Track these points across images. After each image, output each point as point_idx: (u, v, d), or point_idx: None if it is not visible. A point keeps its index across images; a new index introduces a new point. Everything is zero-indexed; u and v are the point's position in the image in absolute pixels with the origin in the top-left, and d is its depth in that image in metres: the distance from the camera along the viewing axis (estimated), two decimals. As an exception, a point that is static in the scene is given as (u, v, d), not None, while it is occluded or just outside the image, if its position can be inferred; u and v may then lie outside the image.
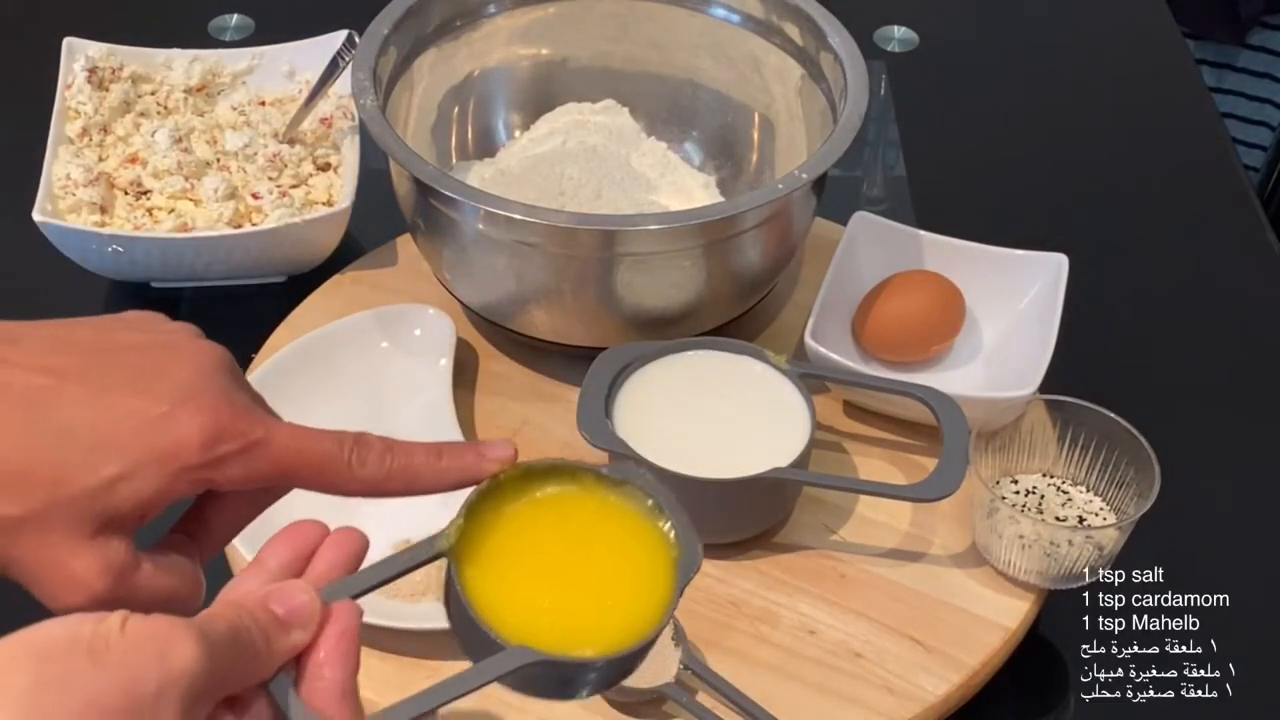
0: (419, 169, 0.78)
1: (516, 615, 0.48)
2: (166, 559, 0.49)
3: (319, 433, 0.49)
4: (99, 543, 0.46)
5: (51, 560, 0.46)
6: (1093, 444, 0.76)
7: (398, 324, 0.87)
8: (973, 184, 1.07)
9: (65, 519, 0.46)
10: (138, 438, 0.47)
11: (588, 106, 0.95)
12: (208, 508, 0.52)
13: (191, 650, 0.40)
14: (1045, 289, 0.85)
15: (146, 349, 0.49)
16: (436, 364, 0.85)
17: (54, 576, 0.46)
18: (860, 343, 0.86)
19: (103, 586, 0.46)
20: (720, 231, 0.79)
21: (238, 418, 0.48)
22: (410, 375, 0.85)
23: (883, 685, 0.70)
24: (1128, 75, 1.18)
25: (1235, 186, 1.07)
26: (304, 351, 0.85)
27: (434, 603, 0.72)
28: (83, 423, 0.47)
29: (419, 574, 0.72)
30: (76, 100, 0.98)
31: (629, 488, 0.51)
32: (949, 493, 0.72)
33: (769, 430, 0.75)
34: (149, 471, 0.46)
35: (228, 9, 1.18)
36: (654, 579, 0.50)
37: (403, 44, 0.88)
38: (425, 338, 0.86)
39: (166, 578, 0.49)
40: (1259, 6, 1.55)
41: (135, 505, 0.47)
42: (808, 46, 0.88)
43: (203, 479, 0.48)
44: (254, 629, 0.43)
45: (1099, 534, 0.72)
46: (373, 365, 0.86)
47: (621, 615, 0.49)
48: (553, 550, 0.50)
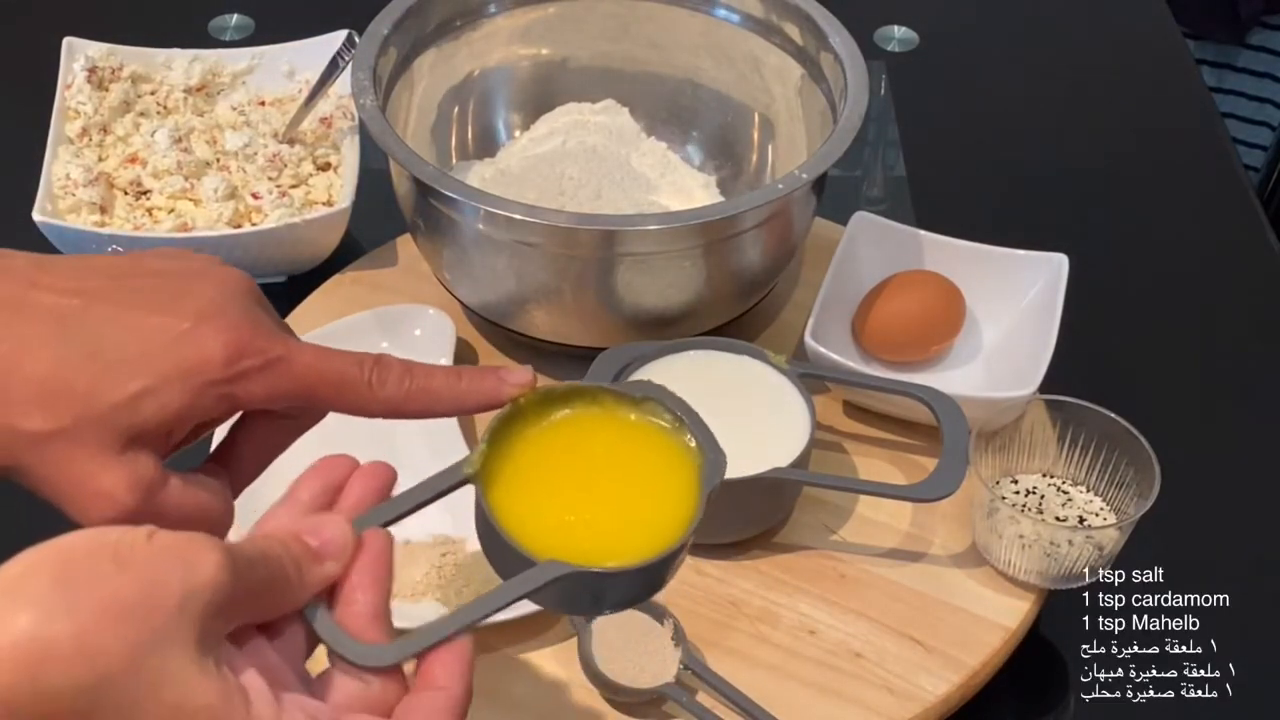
0: (419, 169, 0.78)
1: (545, 533, 0.48)
2: (195, 478, 0.51)
3: (340, 353, 0.51)
4: (127, 458, 0.47)
5: (80, 475, 0.47)
6: (1092, 444, 0.76)
7: (398, 324, 0.87)
8: (973, 184, 1.07)
9: (94, 434, 0.47)
10: (163, 353, 0.48)
11: (587, 106, 0.95)
12: (238, 435, 0.53)
13: (216, 563, 0.41)
14: (1045, 289, 0.85)
15: (173, 274, 0.51)
16: (436, 364, 0.84)
17: (82, 491, 0.47)
18: (860, 343, 0.86)
19: (131, 501, 0.47)
20: (721, 231, 0.79)
21: (259, 335, 0.49)
22: None
23: (883, 685, 0.70)
24: (1128, 75, 1.18)
25: (1235, 186, 1.07)
26: None
27: (434, 603, 0.72)
28: (110, 340, 0.48)
29: (418, 574, 0.73)
30: (76, 100, 0.98)
31: (649, 404, 0.52)
32: (949, 493, 0.72)
33: (769, 430, 0.75)
34: (174, 386, 0.48)
35: (228, 9, 1.18)
36: (679, 491, 0.50)
37: (403, 44, 0.88)
38: (425, 338, 0.86)
39: (196, 495, 0.50)
40: (1259, 6, 1.55)
41: (161, 420, 0.48)
42: (808, 46, 0.88)
43: (226, 394, 0.49)
44: (285, 557, 0.44)
45: (1099, 534, 0.72)
46: None
47: (648, 527, 0.49)
48: (577, 469, 0.51)
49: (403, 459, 0.53)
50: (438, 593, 0.73)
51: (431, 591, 0.73)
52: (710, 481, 0.50)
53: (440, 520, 0.74)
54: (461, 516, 0.53)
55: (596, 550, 0.48)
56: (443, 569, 0.74)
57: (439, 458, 0.56)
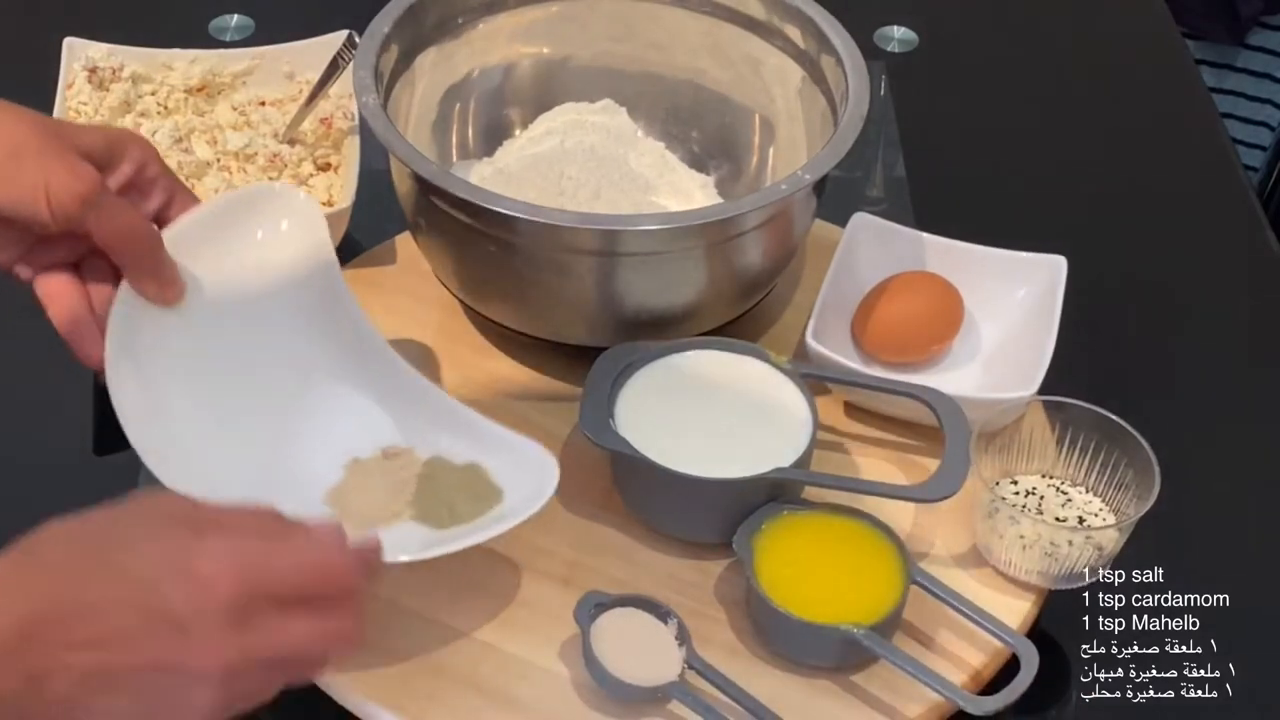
0: (421, 166, 0.78)
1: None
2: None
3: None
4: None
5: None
6: (1092, 445, 0.76)
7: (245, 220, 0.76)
8: (972, 184, 1.07)
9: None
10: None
11: (585, 106, 0.95)
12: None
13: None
14: (1044, 290, 0.85)
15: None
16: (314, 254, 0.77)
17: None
18: (859, 344, 0.86)
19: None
20: (722, 232, 0.79)
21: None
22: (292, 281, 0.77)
23: (884, 685, 0.71)
24: (1128, 75, 1.18)
25: (1235, 186, 1.07)
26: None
27: (413, 523, 0.72)
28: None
29: (383, 494, 0.74)
30: (76, 100, 0.98)
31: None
32: (951, 493, 0.72)
33: (771, 430, 0.75)
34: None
35: (228, 9, 1.18)
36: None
37: (404, 42, 0.88)
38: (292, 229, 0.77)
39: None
40: (1259, 6, 1.55)
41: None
42: (809, 49, 0.88)
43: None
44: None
45: (1099, 534, 0.73)
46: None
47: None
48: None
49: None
50: (412, 510, 0.73)
51: (406, 511, 0.73)
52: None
53: (382, 427, 0.75)
54: (404, 421, 0.67)
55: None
56: (406, 484, 0.74)
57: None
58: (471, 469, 0.74)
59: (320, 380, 0.76)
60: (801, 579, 0.71)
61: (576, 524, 0.78)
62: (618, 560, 0.76)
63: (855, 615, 0.69)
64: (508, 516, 0.70)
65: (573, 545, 0.76)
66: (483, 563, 0.75)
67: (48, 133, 0.68)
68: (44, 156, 0.67)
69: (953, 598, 0.71)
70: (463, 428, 0.75)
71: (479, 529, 0.70)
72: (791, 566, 0.71)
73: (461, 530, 0.71)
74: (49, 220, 0.67)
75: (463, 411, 0.75)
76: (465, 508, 0.72)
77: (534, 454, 0.72)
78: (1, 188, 0.67)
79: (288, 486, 0.71)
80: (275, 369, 0.75)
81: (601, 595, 0.71)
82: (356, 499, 0.73)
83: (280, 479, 0.72)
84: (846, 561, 0.72)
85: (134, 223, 0.70)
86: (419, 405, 0.76)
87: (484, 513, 0.71)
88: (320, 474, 0.74)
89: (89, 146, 0.69)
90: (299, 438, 0.75)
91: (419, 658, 0.71)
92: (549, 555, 0.76)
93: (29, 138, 0.67)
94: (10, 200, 0.67)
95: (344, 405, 0.76)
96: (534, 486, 0.71)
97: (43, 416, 0.87)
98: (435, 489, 0.73)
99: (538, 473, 0.71)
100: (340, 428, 0.75)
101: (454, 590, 0.74)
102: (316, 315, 0.77)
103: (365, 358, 0.77)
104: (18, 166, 0.66)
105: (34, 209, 0.66)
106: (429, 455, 0.75)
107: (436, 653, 0.71)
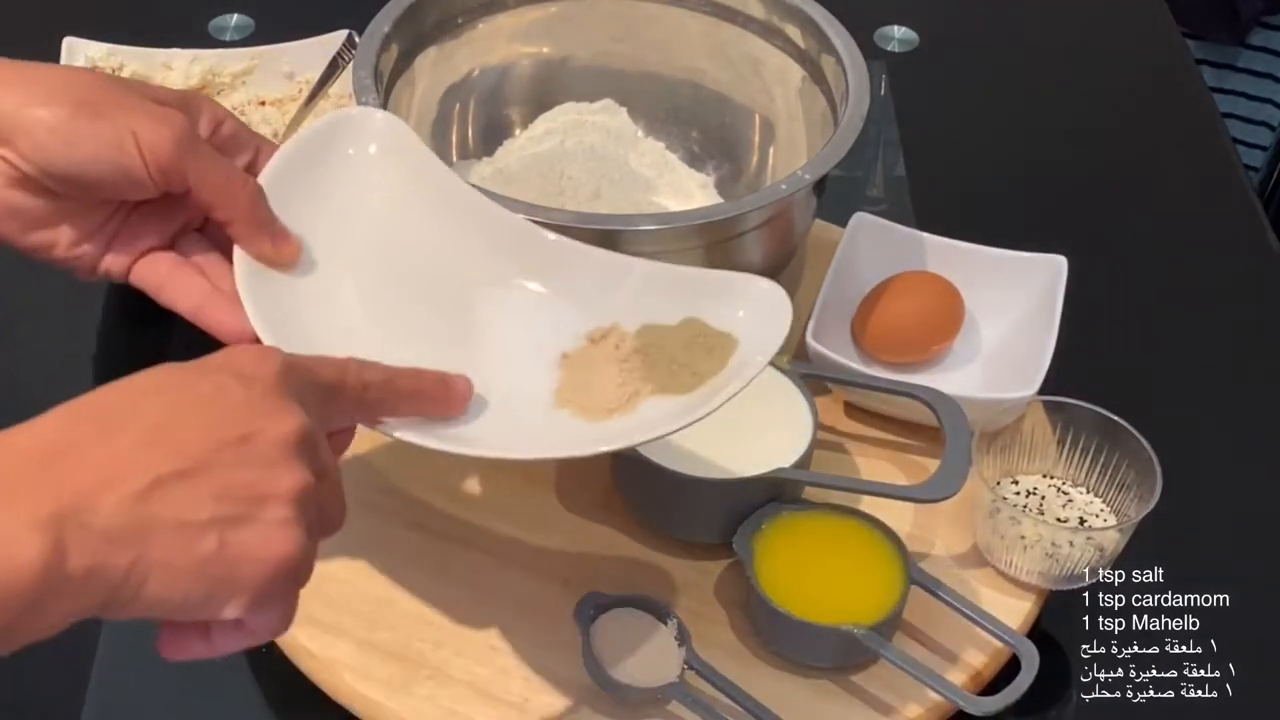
0: (420, 168, 0.78)
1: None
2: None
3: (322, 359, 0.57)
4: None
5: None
6: (1093, 446, 0.76)
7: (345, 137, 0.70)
8: (973, 184, 1.07)
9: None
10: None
11: (585, 106, 0.95)
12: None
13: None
14: (1044, 290, 0.85)
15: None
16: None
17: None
18: (859, 344, 0.86)
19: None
20: (723, 232, 0.79)
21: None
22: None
23: (884, 685, 0.71)
24: (1128, 75, 1.18)
25: (1235, 186, 1.07)
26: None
27: (657, 397, 0.65)
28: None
29: (614, 378, 0.66)
30: (77, 100, 0.98)
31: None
32: (952, 493, 0.72)
33: (771, 430, 0.75)
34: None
35: (228, 9, 1.18)
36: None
37: (404, 42, 0.88)
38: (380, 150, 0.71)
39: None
40: (1259, 6, 1.55)
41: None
42: (809, 49, 0.88)
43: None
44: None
45: (1100, 535, 0.73)
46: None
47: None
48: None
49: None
50: (650, 385, 0.65)
51: (644, 388, 0.65)
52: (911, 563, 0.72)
53: (573, 313, 0.68)
54: (592, 299, 0.66)
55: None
56: (630, 361, 0.66)
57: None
58: (690, 324, 0.66)
59: (485, 288, 0.69)
60: (801, 579, 0.71)
61: (576, 524, 0.78)
62: (618, 560, 0.76)
63: (855, 615, 0.69)
64: (755, 357, 0.63)
65: (573, 545, 0.76)
66: (482, 563, 0.75)
67: (119, 85, 0.62)
68: (123, 108, 0.59)
69: (953, 598, 0.71)
70: (658, 284, 0.67)
71: (734, 376, 0.62)
72: (791, 566, 0.71)
73: (716, 384, 0.63)
74: (143, 173, 0.60)
75: (651, 267, 0.67)
76: (705, 364, 0.64)
77: (750, 288, 0.66)
78: (80, 145, 0.59)
79: (512, 405, 0.63)
80: (434, 296, 0.68)
81: (601, 596, 0.71)
82: (587, 394, 0.65)
83: (498, 403, 0.63)
84: (846, 562, 0.72)
85: (232, 172, 0.63)
86: (600, 275, 0.68)
87: (725, 362, 0.64)
88: (537, 382, 0.66)
89: (164, 98, 0.63)
90: (495, 355, 0.66)
91: (417, 658, 0.71)
92: (549, 555, 0.76)
93: (98, 89, 0.60)
94: (91, 157, 0.59)
95: (522, 305, 0.68)
96: (764, 320, 0.64)
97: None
98: (663, 356, 0.66)
99: (763, 305, 0.64)
100: (530, 329, 0.67)
101: (453, 590, 0.74)
102: (447, 224, 0.69)
103: (519, 246, 0.69)
104: (93, 118, 0.59)
105: (124, 161, 0.59)
106: (637, 325, 0.67)
107: (435, 653, 0.71)
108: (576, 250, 0.69)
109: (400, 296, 0.67)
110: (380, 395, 0.56)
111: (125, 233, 0.64)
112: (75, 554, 0.43)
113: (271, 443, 0.48)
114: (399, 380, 0.57)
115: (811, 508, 0.74)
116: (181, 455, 0.46)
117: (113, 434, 0.46)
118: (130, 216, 0.64)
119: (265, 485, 0.47)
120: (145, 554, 0.44)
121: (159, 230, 0.65)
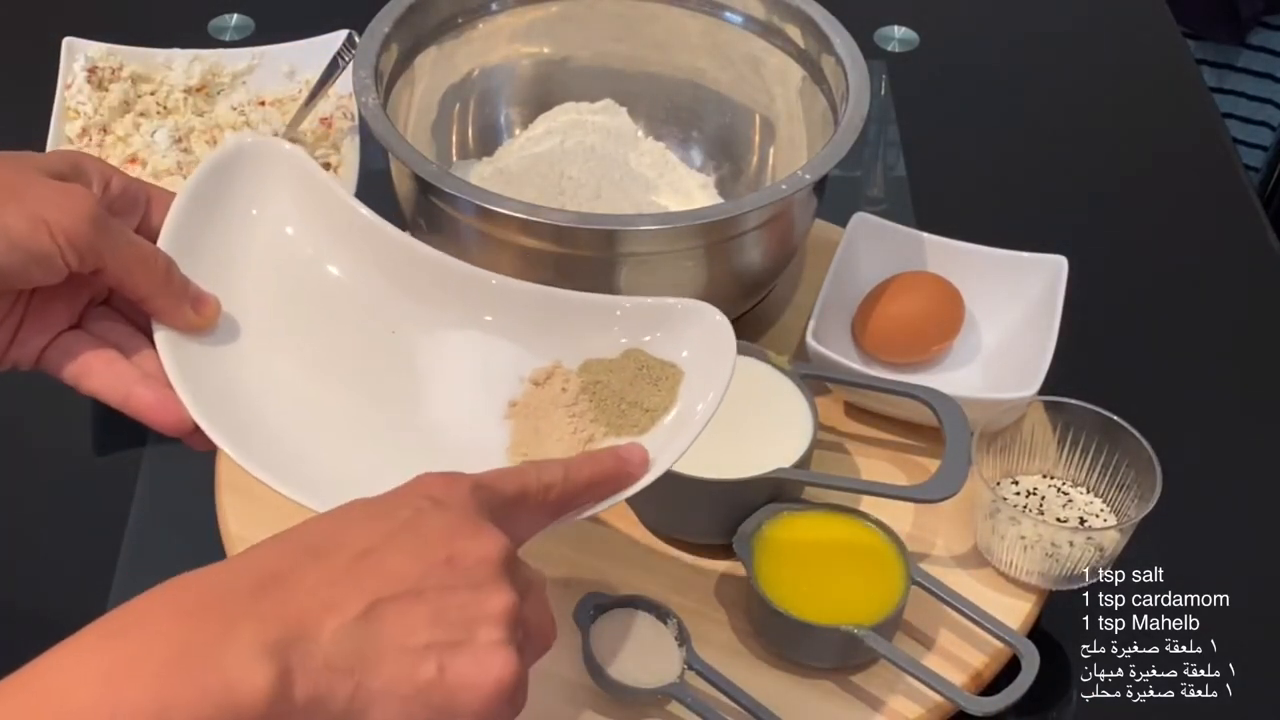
0: (421, 167, 0.78)
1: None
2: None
3: (514, 470, 0.57)
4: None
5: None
6: (1093, 446, 0.76)
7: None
8: (973, 184, 1.07)
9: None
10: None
11: (585, 106, 0.95)
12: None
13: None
14: (1045, 291, 0.85)
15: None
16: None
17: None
18: (860, 344, 0.86)
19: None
20: (723, 232, 0.79)
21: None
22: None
23: (884, 685, 0.71)
24: (1128, 75, 1.18)
25: (1235, 186, 1.07)
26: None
27: (607, 439, 0.62)
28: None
29: (561, 425, 0.63)
30: (76, 100, 0.98)
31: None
32: (952, 493, 0.72)
33: (771, 431, 0.75)
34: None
35: (228, 9, 1.18)
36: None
37: (404, 42, 0.88)
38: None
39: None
40: (1259, 6, 1.55)
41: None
42: (809, 49, 0.88)
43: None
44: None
45: (1100, 535, 0.73)
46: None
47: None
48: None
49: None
50: (603, 427, 0.62)
51: (597, 431, 0.62)
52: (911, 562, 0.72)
53: (511, 355, 0.64)
54: (529, 338, 0.63)
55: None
56: (577, 403, 0.63)
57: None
58: (631, 355, 0.63)
59: (414, 335, 0.64)
60: (801, 579, 0.71)
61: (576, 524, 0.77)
62: (618, 560, 0.76)
63: (855, 615, 0.69)
64: (705, 387, 0.60)
65: (573, 545, 0.76)
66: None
67: (10, 165, 0.57)
68: (26, 191, 0.55)
69: (953, 598, 0.71)
70: (594, 316, 0.64)
71: (689, 412, 0.60)
72: (791, 566, 0.71)
73: (671, 420, 0.61)
74: (58, 259, 0.55)
75: (584, 299, 0.64)
76: (653, 399, 0.62)
77: (688, 312, 0.63)
78: None
79: (463, 463, 0.57)
80: (364, 349, 0.64)
81: (601, 596, 0.71)
82: (540, 446, 0.62)
83: (448, 459, 0.56)
84: (846, 562, 0.72)
85: (144, 247, 0.58)
86: (533, 312, 0.64)
87: (675, 394, 0.62)
88: (489, 436, 0.62)
89: (57, 169, 0.58)
90: (442, 411, 0.63)
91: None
92: (549, 556, 0.76)
93: None
94: (3, 249, 0.54)
95: (458, 349, 0.64)
96: (705, 345, 0.61)
97: (43, 415, 0.87)
98: (610, 394, 0.63)
99: (699, 328, 0.62)
100: (471, 376, 0.64)
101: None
102: (365, 266, 0.64)
103: (445, 287, 0.65)
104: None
105: (36, 249, 0.54)
106: (579, 361, 0.64)
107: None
108: (506, 287, 0.65)
109: (332, 350, 0.63)
110: (563, 492, 0.55)
111: (31, 320, 0.59)
112: (301, 682, 0.42)
113: (476, 564, 0.48)
114: (576, 472, 0.56)
115: (811, 508, 0.74)
116: (395, 579, 0.46)
117: (324, 560, 0.46)
118: (32, 301, 0.58)
119: (476, 607, 0.47)
120: (366, 682, 0.44)
121: (67, 312, 0.59)
